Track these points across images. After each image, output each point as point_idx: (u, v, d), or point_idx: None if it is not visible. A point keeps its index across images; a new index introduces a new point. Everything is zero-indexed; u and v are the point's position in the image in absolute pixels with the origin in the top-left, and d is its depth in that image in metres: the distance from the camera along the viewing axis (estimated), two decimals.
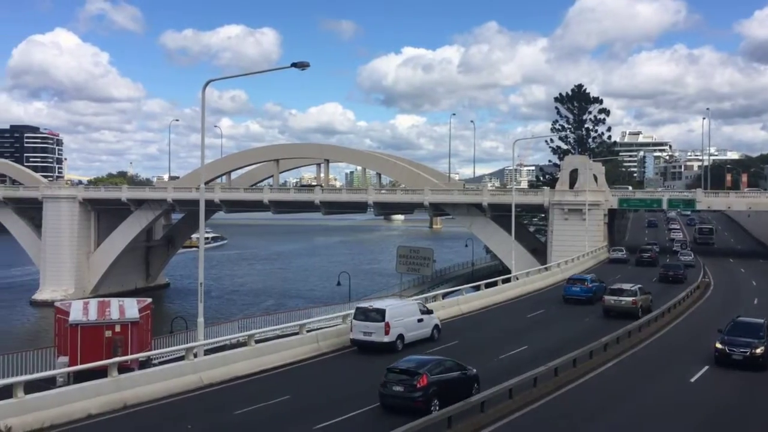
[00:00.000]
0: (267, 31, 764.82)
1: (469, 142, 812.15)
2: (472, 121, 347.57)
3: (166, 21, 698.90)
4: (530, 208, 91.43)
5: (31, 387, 24.24)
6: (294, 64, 29.41)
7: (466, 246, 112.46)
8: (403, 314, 35.10)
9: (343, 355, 33.58)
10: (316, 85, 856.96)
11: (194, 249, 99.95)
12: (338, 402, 25.25)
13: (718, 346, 31.23)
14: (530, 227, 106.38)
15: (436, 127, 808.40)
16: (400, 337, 34.18)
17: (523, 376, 26.04)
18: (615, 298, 44.12)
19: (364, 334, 33.87)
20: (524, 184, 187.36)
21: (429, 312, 37.53)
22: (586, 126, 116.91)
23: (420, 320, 36.11)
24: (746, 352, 30.49)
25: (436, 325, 37.23)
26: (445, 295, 49.27)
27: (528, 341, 36.28)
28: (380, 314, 33.83)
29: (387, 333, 33.51)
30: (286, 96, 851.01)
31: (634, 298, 43.70)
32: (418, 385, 23.68)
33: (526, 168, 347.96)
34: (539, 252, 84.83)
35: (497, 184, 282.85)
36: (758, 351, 30.51)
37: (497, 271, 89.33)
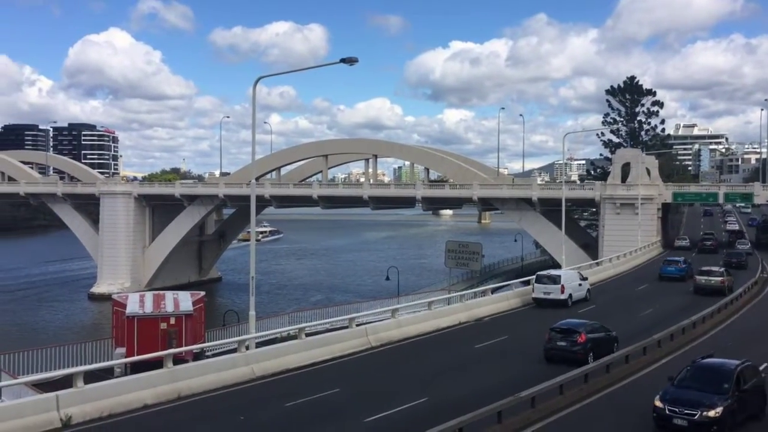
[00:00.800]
0: (315, 28, 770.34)
1: (517, 136, 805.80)
2: (520, 115, 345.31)
3: (215, 19, 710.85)
4: (581, 202, 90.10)
5: (90, 377, 25.00)
6: (343, 60, 29.60)
7: (516, 241, 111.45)
8: (571, 279, 45.45)
9: (392, 349, 33.73)
10: (363, 81, 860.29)
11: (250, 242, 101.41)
12: (388, 395, 25.35)
13: (657, 404, 21.20)
14: (581, 222, 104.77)
15: (484, 121, 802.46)
16: (570, 296, 44.16)
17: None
18: (705, 278, 50.01)
19: (545, 293, 43.95)
20: (574, 178, 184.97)
21: (585, 279, 47.75)
22: (638, 119, 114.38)
23: (580, 284, 46.11)
24: (693, 414, 20.37)
25: (588, 289, 46.98)
26: (494, 290, 50.34)
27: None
28: (557, 279, 44.22)
29: (562, 292, 43.57)
30: (334, 92, 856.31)
31: (722, 278, 49.51)
32: (578, 341, 29.48)
33: (576, 162, 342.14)
34: (590, 247, 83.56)
35: (547, 178, 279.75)
36: (711, 414, 20.26)
37: (548, 266, 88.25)
